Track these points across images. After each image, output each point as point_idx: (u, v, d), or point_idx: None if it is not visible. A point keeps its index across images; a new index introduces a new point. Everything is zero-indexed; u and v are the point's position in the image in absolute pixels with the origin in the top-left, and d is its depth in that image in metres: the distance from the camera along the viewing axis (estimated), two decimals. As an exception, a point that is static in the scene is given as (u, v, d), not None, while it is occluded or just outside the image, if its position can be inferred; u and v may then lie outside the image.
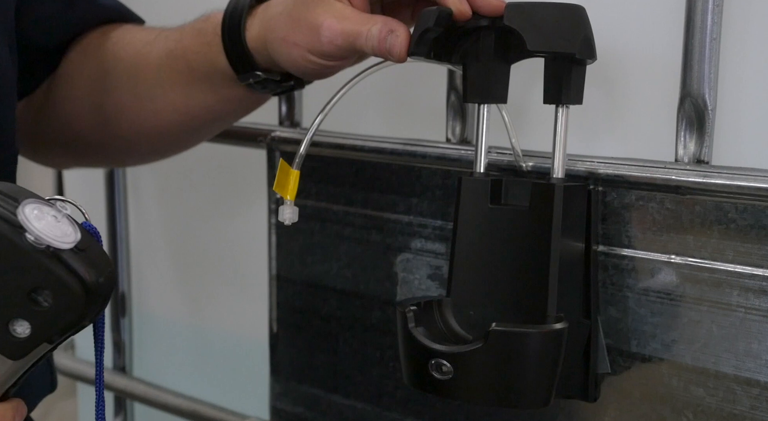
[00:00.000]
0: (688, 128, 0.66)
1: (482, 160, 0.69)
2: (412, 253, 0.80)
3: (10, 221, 0.47)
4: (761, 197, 0.62)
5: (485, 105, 0.68)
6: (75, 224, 0.50)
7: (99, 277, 0.50)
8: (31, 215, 0.48)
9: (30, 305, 0.48)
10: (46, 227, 0.48)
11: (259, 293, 0.95)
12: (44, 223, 0.48)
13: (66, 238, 0.48)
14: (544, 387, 0.63)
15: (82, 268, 0.49)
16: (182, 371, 1.11)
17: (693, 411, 0.67)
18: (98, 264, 0.50)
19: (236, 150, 0.96)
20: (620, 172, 0.68)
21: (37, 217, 0.48)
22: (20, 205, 0.48)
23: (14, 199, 0.49)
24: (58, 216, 0.49)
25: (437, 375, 0.63)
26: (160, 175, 1.09)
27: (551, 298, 0.64)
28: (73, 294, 0.48)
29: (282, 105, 0.91)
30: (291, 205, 0.71)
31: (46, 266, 0.48)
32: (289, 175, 0.69)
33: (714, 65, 0.65)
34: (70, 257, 0.48)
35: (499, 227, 0.67)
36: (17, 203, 0.48)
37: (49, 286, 0.48)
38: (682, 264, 0.66)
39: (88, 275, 0.49)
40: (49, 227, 0.48)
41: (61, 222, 0.49)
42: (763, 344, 0.63)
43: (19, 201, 0.48)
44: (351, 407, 0.86)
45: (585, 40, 0.62)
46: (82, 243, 0.49)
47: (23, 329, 0.48)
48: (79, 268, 0.49)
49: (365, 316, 0.84)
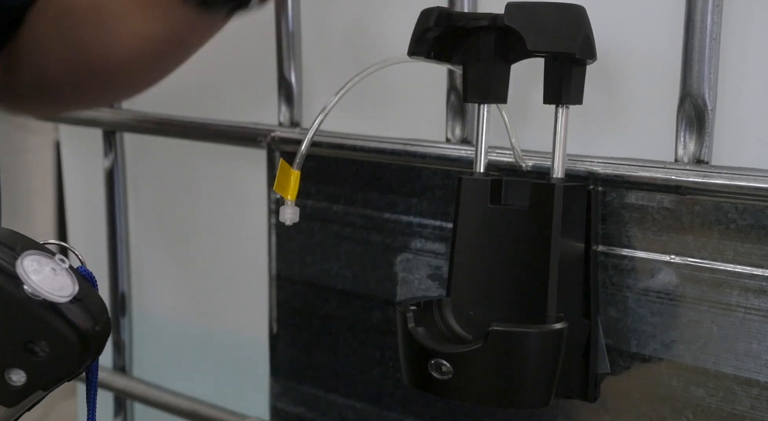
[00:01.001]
0: (688, 128, 0.66)
1: (482, 160, 0.69)
2: (412, 253, 0.80)
3: (9, 273, 0.48)
4: (761, 197, 0.62)
5: (485, 105, 0.68)
6: (73, 275, 0.50)
7: (95, 326, 0.50)
8: (30, 267, 0.48)
9: (26, 355, 0.49)
10: (43, 280, 0.48)
11: (259, 293, 0.95)
12: (42, 276, 0.48)
13: (63, 291, 0.49)
14: (544, 387, 0.63)
15: (78, 318, 0.49)
16: (182, 371, 1.11)
17: (693, 411, 0.67)
18: (94, 312, 0.51)
19: (236, 150, 0.96)
20: (620, 172, 0.68)
21: (36, 270, 0.48)
22: (20, 257, 0.48)
23: (12, 249, 0.49)
24: (57, 269, 0.50)
25: (437, 375, 0.63)
26: (160, 176, 1.09)
27: (551, 298, 0.64)
28: (69, 344, 0.49)
29: (282, 105, 0.91)
30: (292, 206, 0.71)
31: (43, 318, 0.48)
32: (290, 176, 0.69)
33: (714, 65, 0.65)
34: (67, 307, 0.49)
35: (499, 227, 0.67)
36: (16, 254, 0.49)
37: (46, 337, 0.49)
38: (682, 264, 0.66)
39: (84, 324, 0.49)
40: (46, 281, 0.48)
41: (59, 275, 0.49)
42: (763, 344, 0.63)
43: (18, 252, 0.49)
44: (351, 407, 0.86)
45: (585, 40, 0.62)
46: (79, 292, 0.50)
47: (19, 378, 0.49)
48: (76, 318, 0.49)
49: (365, 316, 0.84)
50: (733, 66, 0.65)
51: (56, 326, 0.49)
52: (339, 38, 0.88)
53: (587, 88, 0.65)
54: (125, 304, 1.13)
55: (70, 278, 0.50)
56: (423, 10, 0.65)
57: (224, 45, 0.94)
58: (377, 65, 0.69)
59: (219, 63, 0.98)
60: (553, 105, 0.65)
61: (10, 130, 1.94)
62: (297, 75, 0.90)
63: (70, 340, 0.49)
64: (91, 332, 0.50)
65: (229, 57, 0.97)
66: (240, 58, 0.96)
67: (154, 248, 1.11)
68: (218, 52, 0.97)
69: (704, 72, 0.65)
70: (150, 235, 1.12)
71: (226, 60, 0.97)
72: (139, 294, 1.13)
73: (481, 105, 0.68)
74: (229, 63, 0.97)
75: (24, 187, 1.85)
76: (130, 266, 1.12)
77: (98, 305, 0.52)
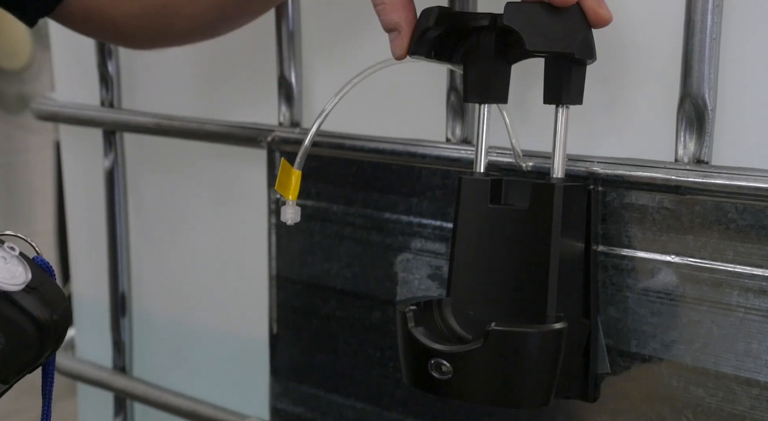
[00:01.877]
0: (688, 128, 0.66)
1: (482, 160, 0.69)
2: (412, 253, 0.80)
3: None
4: (761, 197, 0.62)
5: (485, 105, 0.68)
6: (25, 263, 0.49)
7: (53, 314, 0.49)
8: None
9: None
10: None
11: (259, 293, 0.95)
12: None
13: (14, 280, 0.48)
14: (544, 387, 0.63)
15: (34, 307, 0.48)
16: (182, 371, 1.11)
17: (693, 411, 0.67)
18: (52, 301, 0.50)
19: (236, 150, 0.96)
20: (620, 172, 0.68)
21: None
22: None
23: None
24: (7, 257, 0.49)
25: (437, 375, 0.63)
26: (160, 176, 1.09)
27: (551, 298, 0.64)
28: (26, 335, 0.48)
29: (282, 105, 0.91)
30: (293, 205, 0.71)
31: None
32: (291, 175, 0.69)
33: (714, 65, 0.65)
34: (22, 297, 0.48)
35: (499, 227, 0.67)
36: None
37: (1, 328, 0.48)
38: (682, 264, 0.66)
39: (40, 313, 0.48)
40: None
41: (10, 263, 0.48)
42: (763, 344, 0.63)
43: None
44: (351, 407, 0.86)
45: (585, 40, 0.62)
46: (33, 281, 0.49)
47: None
48: (32, 307, 0.48)
49: (365, 316, 0.84)
50: (733, 66, 0.65)
51: (11, 315, 0.48)
52: (339, 38, 0.88)
53: (587, 88, 0.65)
54: (125, 304, 1.12)
55: (21, 266, 0.49)
56: (423, 10, 0.65)
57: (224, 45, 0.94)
58: (378, 66, 0.69)
59: (219, 63, 0.98)
60: (553, 105, 0.65)
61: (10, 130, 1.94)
62: (297, 75, 0.90)
63: (26, 330, 0.48)
64: (49, 321, 0.49)
65: (229, 57, 0.97)
66: (240, 58, 0.96)
67: (154, 248, 1.11)
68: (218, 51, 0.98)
69: (704, 72, 0.65)
70: (150, 235, 1.12)
71: (226, 60, 0.98)
72: (139, 294, 1.13)
73: (481, 105, 0.68)
74: (229, 63, 0.97)
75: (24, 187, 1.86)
76: (130, 266, 1.12)
77: (55, 293, 0.51)
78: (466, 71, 0.67)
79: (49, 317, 0.49)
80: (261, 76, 0.93)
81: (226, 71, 0.98)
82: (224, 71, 0.98)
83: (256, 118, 0.94)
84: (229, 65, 0.98)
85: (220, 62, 0.98)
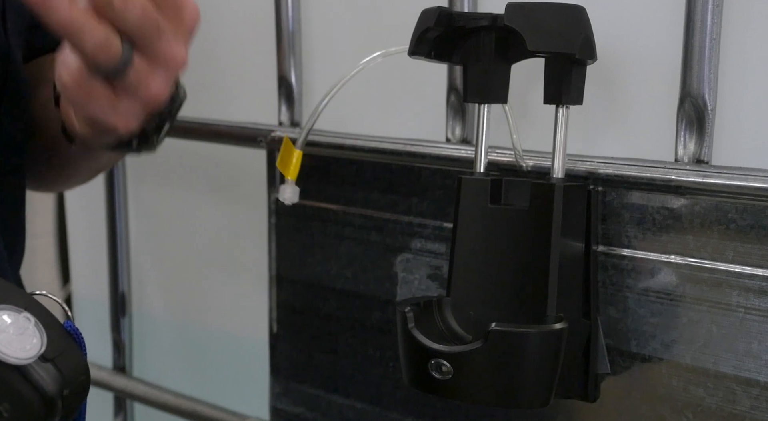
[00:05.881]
0: (688, 128, 0.66)
1: (482, 160, 0.69)
2: (412, 253, 0.80)
3: None
4: (761, 197, 0.62)
5: (485, 105, 0.68)
6: (42, 332, 0.48)
7: (64, 388, 0.48)
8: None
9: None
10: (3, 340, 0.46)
11: (259, 293, 0.95)
12: (3, 336, 0.46)
13: (24, 353, 0.46)
14: (544, 387, 0.63)
15: (44, 380, 0.47)
16: (182, 371, 1.11)
17: (693, 411, 0.67)
18: (67, 374, 0.48)
19: (236, 150, 0.96)
20: (620, 172, 0.68)
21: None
22: None
23: None
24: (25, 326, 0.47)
25: (437, 375, 0.63)
26: (160, 176, 1.09)
27: (551, 298, 0.64)
28: (31, 408, 0.47)
29: (282, 105, 0.91)
30: (292, 185, 0.70)
31: (4, 379, 0.46)
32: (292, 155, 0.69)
33: (714, 65, 0.65)
34: (34, 368, 0.47)
35: (499, 226, 0.67)
36: None
37: (8, 399, 0.47)
38: (682, 264, 0.66)
39: (49, 387, 0.47)
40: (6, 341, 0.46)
41: (25, 334, 0.47)
42: (763, 344, 0.63)
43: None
44: (351, 407, 0.86)
45: (585, 40, 0.62)
46: (50, 351, 0.47)
47: None
48: (42, 380, 0.47)
49: (365, 316, 0.84)
50: (733, 66, 0.65)
51: (18, 388, 0.46)
52: (339, 38, 0.88)
53: (587, 88, 0.65)
54: (125, 304, 1.13)
55: (37, 336, 0.47)
56: (423, 10, 0.65)
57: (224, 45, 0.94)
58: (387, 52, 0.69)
59: (219, 63, 0.98)
60: (553, 105, 0.65)
61: (10, 130, 1.92)
62: (297, 75, 0.90)
63: (32, 403, 0.47)
64: (57, 395, 0.47)
65: (229, 57, 0.97)
66: (240, 58, 0.96)
67: (154, 248, 1.11)
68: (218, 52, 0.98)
69: (704, 72, 0.65)
70: (150, 235, 1.12)
71: (226, 60, 0.98)
72: (139, 294, 1.13)
73: (481, 105, 0.68)
74: (229, 63, 0.97)
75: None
76: (130, 266, 1.12)
77: (75, 365, 0.49)
78: (466, 71, 0.67)
79: (58, 392, 0.48)
80: (261, 76, 0.93)
81: (226, 71, 0.98)
82: (224, 71, 0.98)
83: (256, 118, 0.94)
84: (229, 65, 0.98)
85: (220, 62, 0.98)
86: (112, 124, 0.60)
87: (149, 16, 0.56)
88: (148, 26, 0.56)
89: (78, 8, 0.54)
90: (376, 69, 0.73)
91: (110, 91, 0.59)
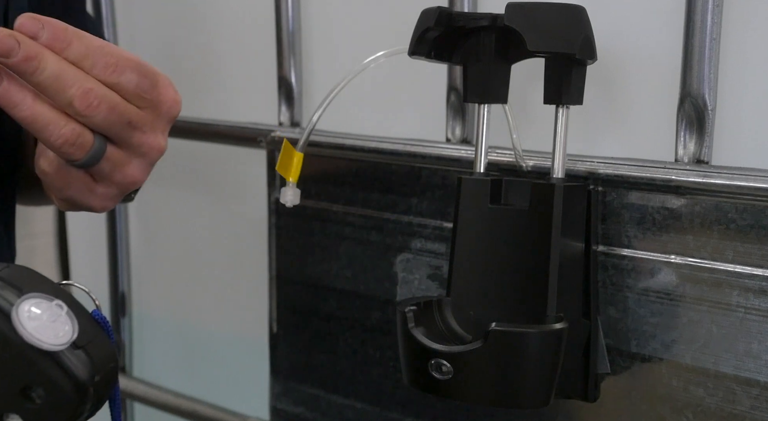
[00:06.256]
0: (688, 128, 0.66)
1: (482, 160, 0.69)
2: (412, 253, 0.80)
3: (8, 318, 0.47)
4: (761, 197, 0.62)
5: (485, 105, 0.68)
6: (74, 320, 0.49)
7: (95, 375, 0.49)
8: (25, 314, 0.47)
9: (23, 401, 0.48)
10: (38, 327, 0.47)
11: (259, 293, 0.95)
12: (37, 323, 0.47)
13: (57, 340, 0.47)
14: (544, 387, 0.63)
15: (76, 366, 0.48)
16: (182, 372, 1.11)
17: (693, 411, 0.67)
18: (97, 361, 0.50)
19: (236, 150, 0.96)
20: (620, 172, 0.68)
21: (31, 316, 0.47)
22: (18, 302, 0.47)
23: (19, 289, 0.48)
24: (58, 313, 0.48)
25: (437, 375, 0.63)
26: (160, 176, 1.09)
27: (551, 298, 0.64)
28: (64, 393, 0.48)
29: (282, 105, 0.91)
30: (293, 187, 0.71)
31: (38, 365, 0.47)
32: (293, 157, 0.69)
33: (714, 65, 0.65)
34: (66, 354, 0.48)
35: (499, 227, 0.67)
36: (19, 296, 0.48)
37: (41, 384, 0.48)
38: (682, 264, 0.66)
39: (81, 373, 0.48)
40: (41, 328, 0.47)
41: (57, 321, 0.48)
42: (763, 344, 0.63)
43: (23, 293, 0.48)
44: (351, 407, 0.86)
45: (585, 40, 0.62)
46: (81, 339, 0.48)
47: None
48: (73, 366, 0.48)
49: (365, 316, 0.84)
50: (733, 66, 0.65)
51: (51, 373, 0.47)
52: (339, 38, 0.88)
53: (587, 88, 0.65)
54: (125, 304, 1.13)
55: (70, 323, 0.48)
56: (423, 10, 0.65)
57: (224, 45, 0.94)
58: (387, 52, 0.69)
59: (219, 63, 0.98)
60: (553, 105, 0.65)
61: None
62: (297, 75, 0.90)
63: (65, 388, 0.48)
64: (89, 381, 0.49)
65: (229, 57, 0.97)
66: (240, 58, 0.96)
67: (154, 248, 1.11)
68: (218, 52, 0.98)
69: (704, 72, 0.65)
70: (150, 235, 1.12)
71: (226, 60, 0.98)
72: (139, 294, 1.13)
73: (481, 105, 0.68)
74: (229, 63, 0.97)
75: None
76: (130, 266, 1.12)
77: (104, 352, 0.50)
78: (466, 71, 0.67)
79: (90, 378, 0.49)
80: (261, 76, 0.93)
81: (226, 71, 0.98)
82: (224, 71, 0.98)
83: (256, 118, 0.94)
84: (229, 65, 0.98)
85: (220, 62, 0.98)
86: (88, 205, 0.61)
87: (118, 112, 0.56)
88: (117, 123, 0.56)
89: (43, 104, 0.54)
90: (376, 69, 0.73)
91: (88, 178, 0.60)
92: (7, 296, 0.48)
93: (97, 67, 0.55)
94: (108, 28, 1.05)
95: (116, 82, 0.55)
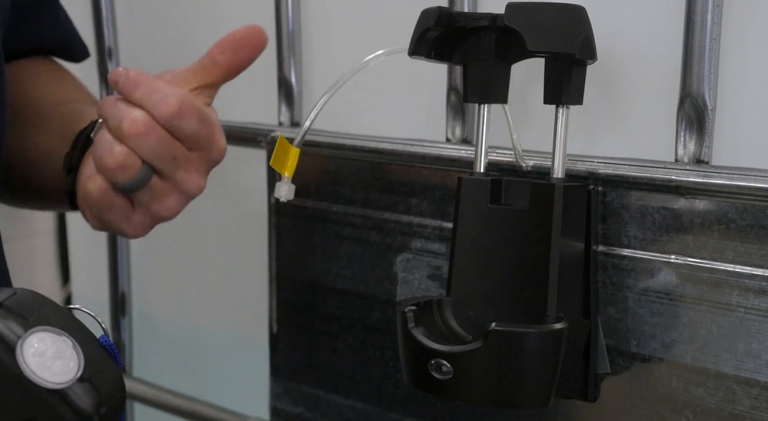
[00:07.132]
0: (688, 128, 0.66)
1: (482, 160, 0.69)
2: (412, 253, 0.80)
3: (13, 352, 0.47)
4: (761, 197, 0.62)
5: (485, 105, 0.68)
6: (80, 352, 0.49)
7: (101, 407, 0.49)
8: (29, 350, 0.47)
9: None
10: (41, 364, 0.47)
11: (259, 293, 0.95)
12: (41, 359, 0.47)
13: (62, 377, 0.47)
14: (544, 387, 0.63)
15: (82, 400, 0.48)
16: (182, 372, 1.11)
17: (693, 411, 0.67)
18: (103, 392, 0.49)
19: (236, 150, 0.96)
20: (620, 172, 0.68)
21: (36, 353, 0.47)
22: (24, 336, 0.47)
23: (25, 319, 0.48)
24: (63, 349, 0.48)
25: (437, 375, 0.63)
26: (160, 175, 1.09)
27: (551, 298, 0.64)
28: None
29: (282, 105, 0.91)
30: (288, 182, 0.71)
31: (43, 400, 0.47)
32: (289, 153, 0.70)
33: (714, 65, 0.65)
34: (72, 387, 0.48)
35: (499, 227, 0.67)
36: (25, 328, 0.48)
37: (46, 419, 0.47)
38: (682, 264, 0.66)
39: (86, 407, 0.48)
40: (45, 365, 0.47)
41: (63, 358, 0.48)
42: (763, 344, 0.63)
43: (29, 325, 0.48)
44: (351, 407, 0.86)
45: (585, 40, 0.62)
46: (87, 371, 0.48)
47: None
48: (79, 400, 0.48)
49: (365, 316, 0.84)
50: (733, 66, 0.65)
51: (56, 408, 0.47)
52: (339, 38, 0.88)
53: (587, 88, 0.65)
54: (125, 304, 1.13)
55: (75, 359, 0.48)
56: (423, 10, 0.65)
57: (224, 45, 0.93)
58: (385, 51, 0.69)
59: (219, 63, 0.98)
60: (553, 105, 0.65)
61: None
62: (297, 75, 0.90)
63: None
64: (94, 414, 0.48)
65: (229, 57, 0.97)
66: (240, 58, 0.96)
67: (154, 248, 1.11)
68: (218, 52, 0.97)
69: (704, 72, 0.65)
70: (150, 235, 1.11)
71: (226, 60, 0.97)
72: (139, 294, 1.13)
73: (481, 105, 0.68)
74: (229, 63, 0.97)
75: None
76: (130, 266, 1.12)
77: (111, 382, 0.50)
78: (466, 71, 0.67)
79: (94, 411, 0.49)
80: (261, 76, 0.93)
81: (226, 71, 0.98)
82: (224, 71, 0.98)
83: (256, 118, 0.94)
84: (229, 65, 0.97)
85: (220, 62, 0.98)
86: (122, 230, 0.67)
87: (164, 146, 0.61)
88: (162, 156, 0.62)
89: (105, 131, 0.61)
90: (375, 69, 0.73)
91: (128, 204, 0.65)
92: (14, 328, 0.48)
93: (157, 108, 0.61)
94: (108, 28, 1.05)
95: (177, 125, 0.61)
